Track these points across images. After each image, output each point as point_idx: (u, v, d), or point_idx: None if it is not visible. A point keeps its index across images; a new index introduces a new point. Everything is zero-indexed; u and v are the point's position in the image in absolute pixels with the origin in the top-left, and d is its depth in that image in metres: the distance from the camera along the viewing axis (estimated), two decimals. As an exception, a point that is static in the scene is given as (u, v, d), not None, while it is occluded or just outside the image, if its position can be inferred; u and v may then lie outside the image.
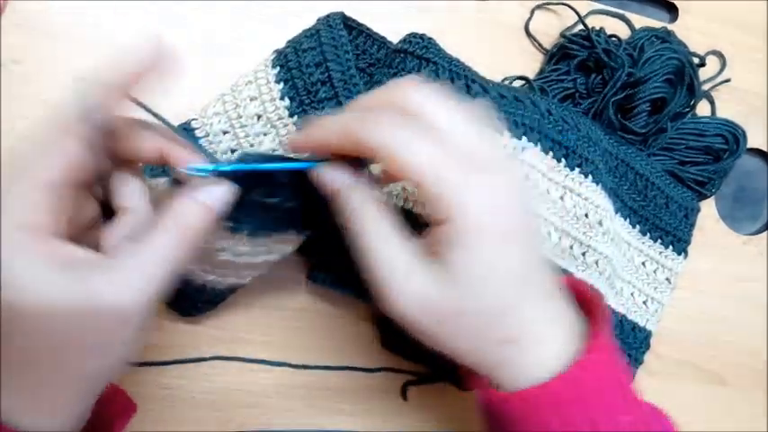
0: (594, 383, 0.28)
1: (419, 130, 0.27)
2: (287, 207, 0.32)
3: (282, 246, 0.36)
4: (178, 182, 0.30)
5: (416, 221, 0.35)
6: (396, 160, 0.27)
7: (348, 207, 0.29)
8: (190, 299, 0.40)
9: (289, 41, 0.41)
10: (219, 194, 0.28)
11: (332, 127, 0.29)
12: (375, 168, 0.32)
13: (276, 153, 0.37)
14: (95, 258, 0.27)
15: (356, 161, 0.30)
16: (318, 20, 0.41)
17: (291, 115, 0.39)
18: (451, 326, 0.28)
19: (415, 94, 0.29)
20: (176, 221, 0.27)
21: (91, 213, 0.30)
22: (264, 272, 0.38)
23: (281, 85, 0.39)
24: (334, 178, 0.30)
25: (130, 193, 0.30)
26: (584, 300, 0.32)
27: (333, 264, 0.41)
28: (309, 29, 0.40)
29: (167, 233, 0.27)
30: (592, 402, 0.28)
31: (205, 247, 0.33)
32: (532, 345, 0.29)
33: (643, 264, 0.48)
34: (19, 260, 0.24)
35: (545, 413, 0.28)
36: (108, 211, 0.30)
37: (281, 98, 0.39)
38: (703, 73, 0.52)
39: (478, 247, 0.27)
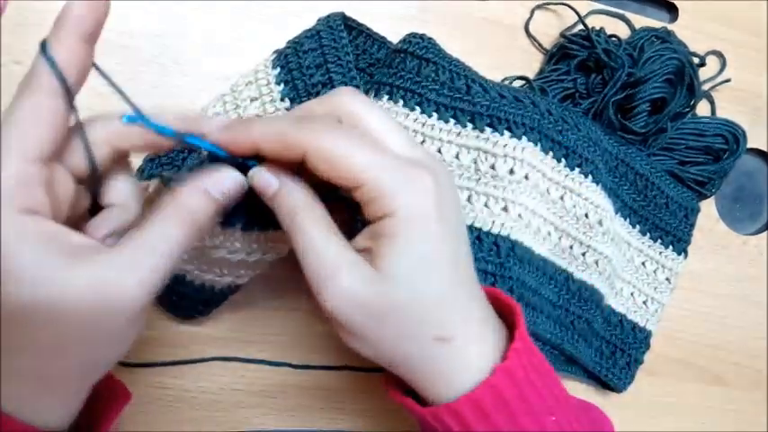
0: (517, 388, 0.29)
1: (355, 134, 0.28)
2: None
3: (278, 245, 0.36)
4: (170, 180, 0.29)
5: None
6: (334, 164, 0.27)
7: (282, 206, 0.29)
8: (189, 300, 0.40)
9: (289, 42, 0.41)
10: (223, 183, 0.28)
11: (261, 129, 0.29)
12: None
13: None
14: (96, 245, 0.26)
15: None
16: (319, 20, 0.41)
17: None
18: (383, 324, 0.28)
19: (350, 101, 0.29)
20: (178, 208, 0.27)
21: (84, 205, 0.29)
22: (262, 271, 0.38)
23: (282, 86, 0.39)
24: (268, 180, 0.29)
25: (121, 189, 0.29)
26: (501, 305, 0.32)
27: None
28: (310, 29, 0.40)
29: (169, 220, 0.26)
30: (516, 407, 0.28)
31: (199, 245, 0.33)
32: (463, 345, 0.29)
33: (643, 264, 0.48)
34: (20, 245, 0.24)
35: (475, 424, 0.28)
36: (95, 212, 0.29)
37: (282, 99, 0.39)
38: (703, 73, 0.52)
39: (412, 238, 0.27)
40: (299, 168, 0.29)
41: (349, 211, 0.32)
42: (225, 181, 0.28)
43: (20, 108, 0.25)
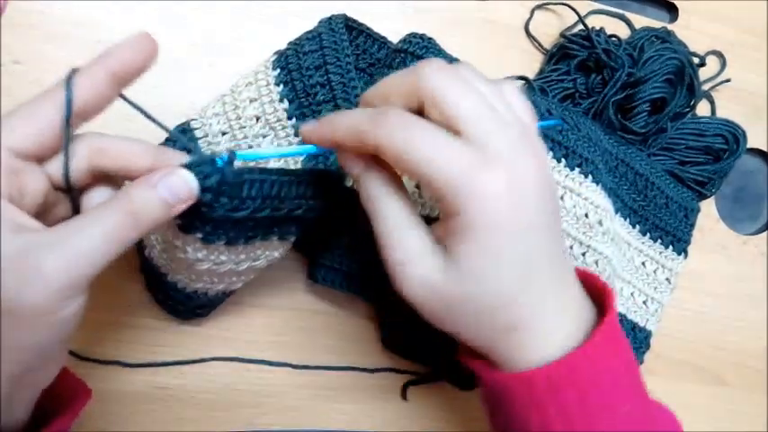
0: (592, 371, 0.29)
1: (429, 126, 0.28)
2: (259, 217, 0.31)
3: (267, 252, 0.35)
4: None
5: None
6: (403, 159, 0.28)
7: (367, 189, 0.30)
8: (184, 305, 0.40)
9: (290, 43, 0.41)
10: (179, 190, 0.27)
11: (340, 125, 0.30)
12: None
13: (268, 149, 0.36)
14: (42, 228, 0.26)
15: None
16: (320, 22, 0.40)
17: (290, 117, 0.39)
18: (456, 311, 0.29)
19: (433, 78, 0.28)
20: (121, 199, 0.26)
21: (61, 211, 0.29)
22: (255, 276, 0.38)
23: (281, 87, 0.39)
24: (353, 162, 0.30)
25: (95, 199, 0.29)
26: (595, 290, 0.33)
27: (333, 263, 0.41)
28: (311, 31, 0.40)
29: (109, 208, 0.26)
30: (588, 389, 0.29)
31: (182, 258, 0.32)
32: (536, 333, 0.30)
33: (643, 264, 0.48)
34: None
35: (542, 396, 0.29)
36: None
37: (281, 100, 0.39)
38: (703, 73, 0.52)
39: (483, 240, 0.28)
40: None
41: (359, 219, 0.32)
42: (173, 179, 0.27)
43: (21, 107, 0.27)
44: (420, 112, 0.29)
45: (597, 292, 0.33)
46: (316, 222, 0.35)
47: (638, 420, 0.30)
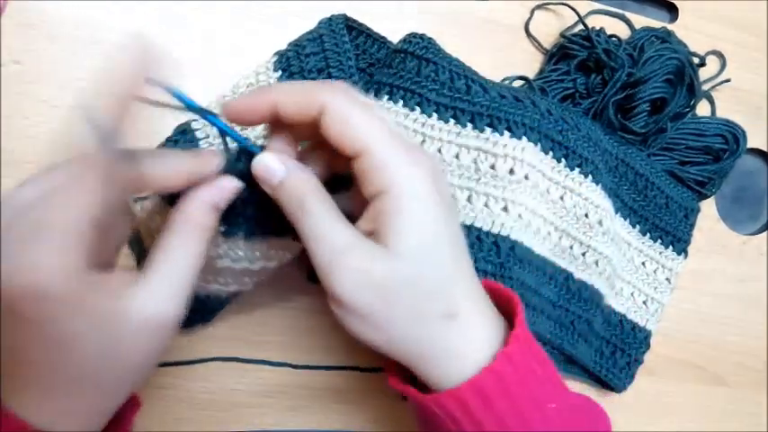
0: (517, 376, 0.29)
1: (374, 104, 0.30)
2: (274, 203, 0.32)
3: (280, 252, 0.36)
4: (172, 198, 0.30)
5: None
6: (348, 122, 0.28)
7: (290, 192, 0.30)
8: (194, 312, 0.40)
9: (291, 44, 0.41)
10: (224, 195, 0.30)
11: (283, 87, 0.30)
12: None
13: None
14: (128, 276, 0.28)
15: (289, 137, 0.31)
16: (321, 22, 0.40)
17: None
18: (392, 303, 0.28)
19: (332, 100, 0.29)
20: (187, 222, 0.28)
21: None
22: (265, 278, 0.38)
23: None
24: (272, 167, 0.30)
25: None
26: (499, 298, 0.33)
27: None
28: (312, 32, 0.40)
29: (185, 239, 0.28)
30: (518, 394, 0.29)
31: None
32: (468, 322, 0.30)
33: (643, 264, 0.48)
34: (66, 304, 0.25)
35: (478, 411, 0.29)
36: None
37: None
38: (703, 73, 0.52)
39: (416, 214, 0.28)
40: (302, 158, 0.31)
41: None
42: (218, 192, 0.29)
43: (64, 183, 0.26)
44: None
45: (502, 301, 0.33)
46: None
47: (567, 415, 0.31)
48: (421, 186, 0.28)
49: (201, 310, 0.40)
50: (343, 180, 0.32)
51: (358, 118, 0.28)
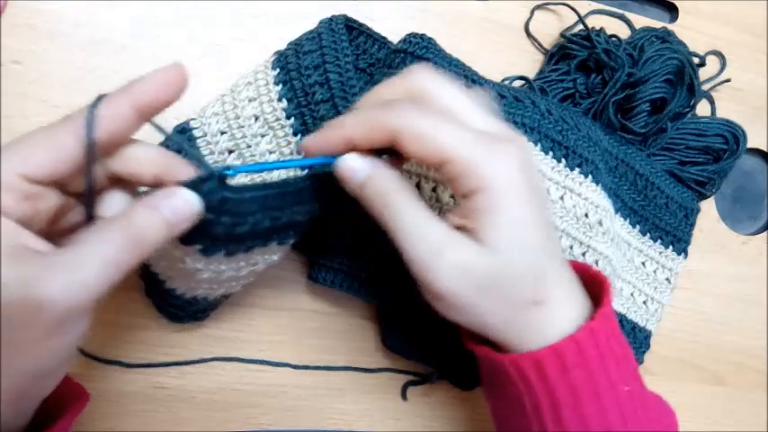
0: (598, 351, 0.30)
1: (438, 113, 0.29)
2: (260, 229, 0.31)
3: (267, 257, 0.35)
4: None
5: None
6: (423, 142, 0.28)
7: (376, 191, 0.30)
8: (184, 311, 0.40)
9: (290, 43, 0.41)
10: (182, 211, 0.27)
11: (351, 121, 0.30)
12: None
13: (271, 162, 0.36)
14: (47, 251, 0.26)
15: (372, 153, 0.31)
16: (321, 22, 0.40)
17: (288, 117, 0.39)
18: (487, 293, 0.29)
19: (426, 80, 0.30)
20: (125, 229, 0.26)
21: (75, 217, 0.29)
22: (255, 279, 0.38)
23: (280, 86, 0.39)
24: (356, 167, 0.30)
25: (111, 205, 0.29)
26: (588, 279, 0.34)
27: (333, 263, 0.41)
28: (311, 31, 0.40)
29: (114, 240, 0.25)
30: (595, 368, 0.30)
31: (182, 267, 0.32)
32: (554, 306, 0.31)
33: (643, 264, 0.48)
34: None
35: (553, 376, 0.30)
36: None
37: (279, 99, 0.39)
38: (703, 73, 0.52)
39: (508, 208, 0.29)
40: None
41: (359, 219, 0.32)
42: (176, 201, 0.27)
43: (38, 132, 0.27)
44: None
45: (590, 282, 0.34)
46: (315, 223, 0.35)
47: (638, 402, 0.31)
48: (510, 180, 0.29)
49: (191, 310, 0.40)
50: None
51: (432, 133, 0.28)
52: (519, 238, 0.29)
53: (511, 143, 0.29)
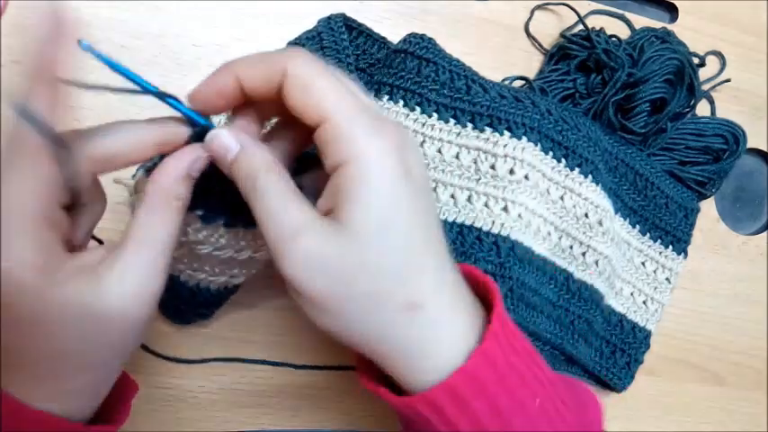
0: (496, 375, 0.27)
1: (337, 71, 0.27)
2: None
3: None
4: (153, 166, 0.29)
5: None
6: (309, 89, 0.26)
7: (243, 170, 0.27)
8: (187, 303, 0.40)
9: (290, 43, 0.41)
10: (191, 157, 0.28)
11: (244, 59, 0.28)
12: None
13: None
14: (102, 253, 0.27)
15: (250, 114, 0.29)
16: (320, 21, 0.41)
17: None
18: (348, 288, 0.26)
19: (298, 66, 0.27)
20: (157, 193, 0.27)
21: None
22: (257, 271, 0.38)
23: None
24: (225, 144, 0.28)
25: (88, 190, 0.29)
26: (477, 285, 0.30)
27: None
28: (311, 30, 0.40)
29: (154, 207, 0.27)
30: (496, 394, 0.27)
31: (183, 241, 0.32)
32: (436, 316, 0.27)
33: (643, 264, 0.48)
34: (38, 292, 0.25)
35: (453, 414, 0.27)
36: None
37: None
38: (703, 73, 0.52)
39: (377, 189, 0.25)
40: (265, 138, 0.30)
41: None
42: (194, 156, 0.28)
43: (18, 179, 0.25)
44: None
45: (478, 286, 0.30)
46: None
47: (552, 410, 0.29)
48: (383, 159, 0.25)
49: (194, 303, 0.40)
50: (315, 159, 0.30)
51: (320, 83, 0.26)
52: (383, 226, 0.25)
53: (396, 126, 0.27)
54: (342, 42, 0.40)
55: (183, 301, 0.39)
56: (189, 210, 0.30)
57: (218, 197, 0.30)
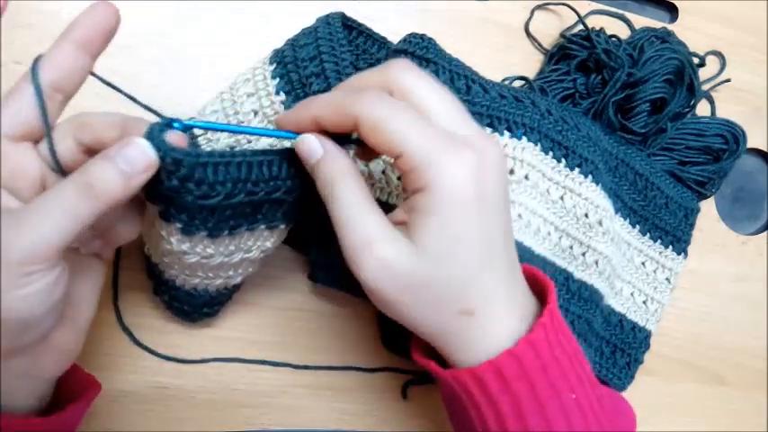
0: (538, 362, 0.30)
1: (406, 106, 0.29)
2: (235, 203, 0.30)
3: (259, 243, 0.35)
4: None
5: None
6: (381, 130, 0.28)
7: (324, 174, 0.30)
8: (189, 305, 0.40)
9: (288, 40, 0.41)
10: (136, 161, 0.27)
11: (320, 102, 0.30)
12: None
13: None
14: (13, 206, 0.27)
15: (337, 139, 0.31)
16: (318, 19, 0.41)
17: (287, 110, 0.39)
18: (413, 294, 0.29)
19: (404, 74, 0.30)
20: (81, 180, 0.26)
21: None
22: (255, 268, 0.38)
23: (278, 80, 0.39)
24: (311, 148, 0.30)
25: None
26: (537, 283, 0.33)
27: (333, 263, 0.41)
28: (308, 28, 0.40)
29: (71, 191, 0.26)
30: (537, 380, 0.30)
31: (170, 249, 0.32)
32: (487, 319, 0.30)
33: (643, 264, 0.48)
34: None
35: (495, 390, 0.30)
36: None
37: (277, 93, 0.39)
38: (703, 73, 0.52)
39: (445, 216, 0.28)
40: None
41: None
42: (129, 149, 0.27)
43: (5, 94, 0.28)
44: None
45: (539, 286, 0.33)
46: (314, 221, 0.35)
47: (587, 407, 0.31)
48: (456, 186, 0.28)
49: (195, 305, 0.39)
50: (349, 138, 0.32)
51: (391, 125, 0.28)
52: (449, 247, 0.28)
53: (471, 149, 0.29)
54: (337, 34, 0.40)
55: (185, 303, 0.39)
56: (168, 221, 0.30)
57: (193, 209, 0.29)
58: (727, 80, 0.53)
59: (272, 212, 0.33)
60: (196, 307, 0.40)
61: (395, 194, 0.41)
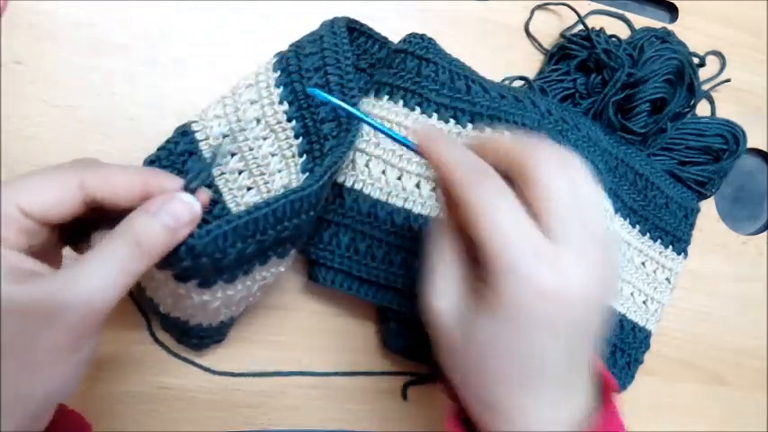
0: None
1: (516, 203, 0.27)
2: (248, 253, 0.31)
3: (273, 269, 0.36)
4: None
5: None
6: (468, 214, 0.27)
7: (435, 220, 0.31)
8: (211, 338, 0.41)
9: (292, 45, 0.41)
10: (181, 215, 0.27)
11: (450, 158, 0.29)
12: None
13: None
14: (50, 271, 0.26)
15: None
16: (323, 24, 0.40)
17: (290, 120, 0.39)
18: (454, 357, 0.29)
19: (539, 161, 0.28)
20: (129, 236, 0.26)
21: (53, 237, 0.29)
22: (255, 300, 0.39)
23: (281, 89, 0.39)
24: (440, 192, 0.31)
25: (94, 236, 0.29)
26: (600, 379, 0.31)
27: (333, 263, 0.41)
28: (313, 33, 0.40)
29: (121, 247, 0.26)
30: None
31: (191, 303, 0.32)
32: (547, 401, 0.28)
33: (643, 264, 0.48)
34: None
35: None
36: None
37: (280, 102, 0.39)
38: (703, 73, 0.52)
39: (503, 321, 0.26)
40: None
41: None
42: (174, 205, 0.27)
43: (46, 171, 0.28)
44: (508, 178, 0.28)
45: (602, 380, 0.31)
46: (314, 225, 0.35)
47: None
48: (519, 302, 0.26)
49: (202, 336, 0.40)
50: None
51: (490, 214, 0.26)
52: (495, 350, 0.27)
53: (565, 268, 0.26)
54: (343, 45, 0.39)
55: (208, 337, 0.40)
56: (185, 282, 0.30)
57: (210, 267, 0.30)
58: (727, 80, 0.53)
59: (282, 247, 0.34)
60: (203, 339, 0.40)
61: (419, 203, 0.41)
